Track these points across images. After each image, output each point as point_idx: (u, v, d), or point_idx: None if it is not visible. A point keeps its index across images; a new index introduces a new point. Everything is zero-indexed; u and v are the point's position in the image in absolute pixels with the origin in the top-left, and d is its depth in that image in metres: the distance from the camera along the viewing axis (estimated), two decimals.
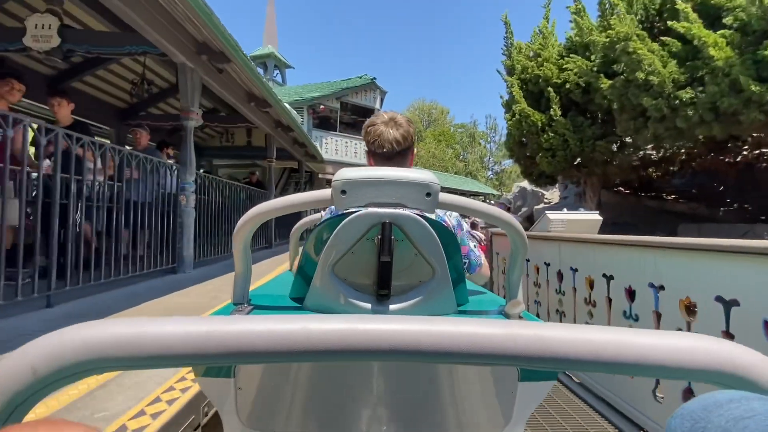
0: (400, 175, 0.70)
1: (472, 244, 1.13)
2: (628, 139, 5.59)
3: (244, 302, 0.87)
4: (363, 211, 0.72)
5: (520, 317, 0.83)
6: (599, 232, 3.57)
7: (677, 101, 4.38)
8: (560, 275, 3.20)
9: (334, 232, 0.74)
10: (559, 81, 5.44)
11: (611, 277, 2.54)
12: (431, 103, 42.00)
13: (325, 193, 0.71)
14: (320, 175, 15.42)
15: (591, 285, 2.78)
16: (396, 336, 0.30)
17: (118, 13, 3.85)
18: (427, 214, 0.76)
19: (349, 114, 14.22)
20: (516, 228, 0.81)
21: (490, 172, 38.27)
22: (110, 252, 3.67)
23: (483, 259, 1.14)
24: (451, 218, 1.11)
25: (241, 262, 0.84)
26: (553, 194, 10.03)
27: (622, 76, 4.61)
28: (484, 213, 0.78)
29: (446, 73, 72.59)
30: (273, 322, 0.30)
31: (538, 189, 11.37)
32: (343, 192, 0.69)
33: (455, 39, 75.14)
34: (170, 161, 5.70)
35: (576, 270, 2.95)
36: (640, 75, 4.37)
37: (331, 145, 13.17)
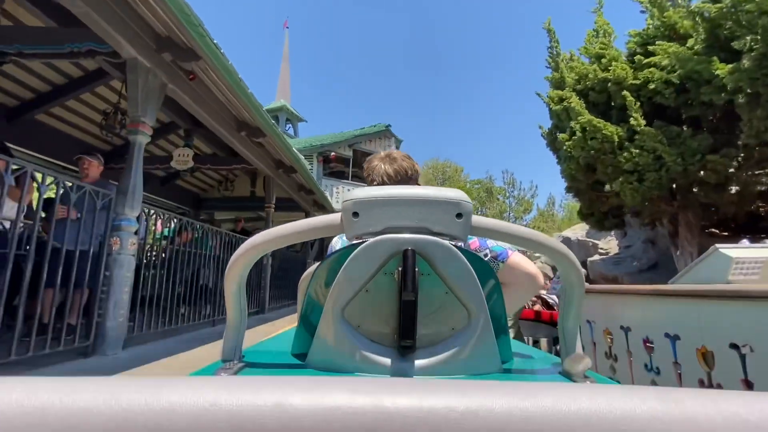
0: (424, 192, 0.58)
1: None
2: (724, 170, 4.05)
3: (234, 359, 0.66)
4: (379, 237, 0.58)
5: (586, 377, 0.60)
6: None
7: None
8: None
9: (343, 265, 0.59)
10: (637, 81, 4.11)
11: None
12: (445, 162, 41.81)
13: (335, 217, 0.59)
14: None
15: None
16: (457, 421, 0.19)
17: None
18: (459, 242, 0.63)
19: (363, 163, 13.22)
20: (571, 261, 0.61)
21: None
22: None
23: (510, 245, 0.91)
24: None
25: (233, 309, 0.66)
26: (608, 243, 8.28)
27: (750, 54, 3.25)
28: (528, 240, 0.60)
29: (460, 130, 74.00)
30: (229, 390, 0.20)
31: (586, 238, 9.64)
32: (355, 214, 0.57)
33: (469, 96, 77.75)
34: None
35: None
36: None
37: (343, 195, 11.96)
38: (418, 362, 0.59)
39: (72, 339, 2.81)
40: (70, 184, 2.83)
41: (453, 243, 0.61)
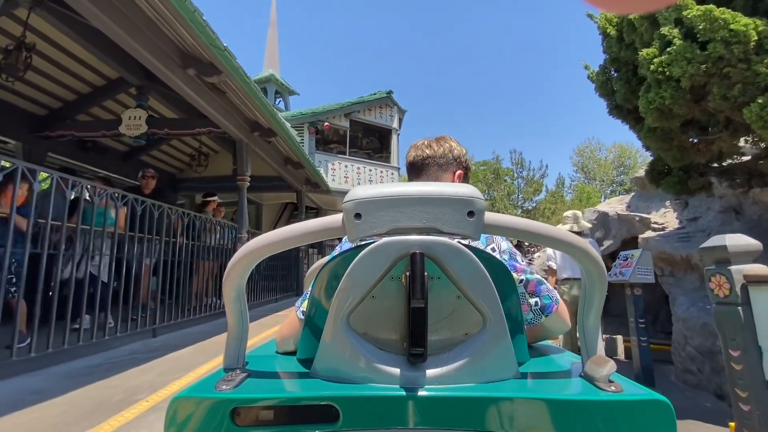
0: (431, 189, 0.54)
1: (538, 276, 0.82)
2: None
3: (237, 367, 0.64)
4: (384, 239, 0.55)
5: (610, 381, 0.56)
6: None
7: None
8: None
9: (347, 270, 0.57)
10: None
11: None
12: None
13: (336, 219, 0.57)
14: (330, 213, 12.66)
15: None
16: None
17: None
18: (471, 242, 0.65)
19: (361, 134, 11.67)
20: (592, 256, 0.59)
21: (519, 210, 35.06)
22: None
23: (557, 295, 0.83)
24: (501, 245, 0.84)
25: (233, 316, 0.64)
26: (664, 216, 6.79)
27: None
28: (545, 236, 0.57)
29: (467, 109, 70.88)
30: None
31: (629, 212, 8.16)
32: (358, 216, 0.54)
33: (477, 74, 74.70)
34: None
35: None
36: None
37: (340, 172, 10.46)
38: (430, 371, 0.56)
39: None
40: None
41: (465, 243, 0.58)
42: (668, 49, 3.08)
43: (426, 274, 0.52)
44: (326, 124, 9.98)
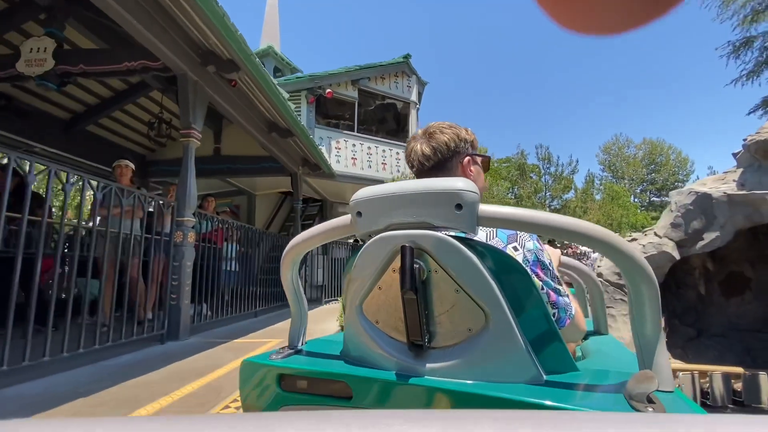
0: (418, 185, 0.58)
1: (559, 287, 0.79)
2: None
3: (296, 345, 0.79)
4: (380, 235, 0.61)
5: (650, 400, 0.47)
6: None
7: None
8: None
9: (354, 263, 0.66)
10: None
11: None
12: None
13: (347, 218, 0.65)
14: (341, 209, 10.69)
15: None
16: None
17: None
18: (465, 235, 0.60)
19: (373, 107, 9.68)
20: (625, 252, 0.51)
21: (548, 209, 32.31)
22: None
23: (575, 308, 0.81)
24: (521, 248, 0.76)
25: (292, 303, 0.81)
26: None
27: None
28: (557, 228, 0.52)
29: (485, 106, 67.56)
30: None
31: (741, 192, 5.89)
32: (359, 214, 0.62)
33: (492, 73, 71.65)
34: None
35: None
36: None
37: (346, 152, 8.49)
38: (430, 363, 0.58)
39: None
40: None
41: (455, 236, 0.57)
42: None
43: (419, 266, 0.55)
44: (329, 91, 8.03)
